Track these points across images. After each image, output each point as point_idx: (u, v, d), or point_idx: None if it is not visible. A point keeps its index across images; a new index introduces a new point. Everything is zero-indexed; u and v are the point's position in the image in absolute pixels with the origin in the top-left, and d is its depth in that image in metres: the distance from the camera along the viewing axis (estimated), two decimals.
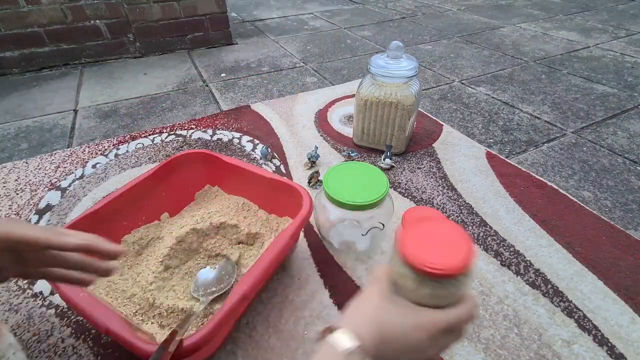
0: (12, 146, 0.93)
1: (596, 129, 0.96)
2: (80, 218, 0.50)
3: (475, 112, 1.05)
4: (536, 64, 1.37)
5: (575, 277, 0.57)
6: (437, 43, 1.61)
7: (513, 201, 0.72)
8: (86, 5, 1.31)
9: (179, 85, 1.24)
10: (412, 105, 0.76)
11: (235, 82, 1.25)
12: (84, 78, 1.31)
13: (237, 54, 1.50)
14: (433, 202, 0.72)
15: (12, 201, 0.73)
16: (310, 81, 1.25)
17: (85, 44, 1.38)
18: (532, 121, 1.00)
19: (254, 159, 0.85)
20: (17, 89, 1.23)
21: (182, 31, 1.51)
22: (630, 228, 0.66)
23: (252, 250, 0.58)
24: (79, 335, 0.50)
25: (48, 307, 0.54)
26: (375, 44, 1.60)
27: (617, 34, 1.68)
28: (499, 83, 1.23)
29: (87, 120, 1.04)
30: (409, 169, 0.81)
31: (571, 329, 0.50)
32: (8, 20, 1.23)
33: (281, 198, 0.58)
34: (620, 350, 0.48)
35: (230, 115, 1.03)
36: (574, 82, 1.23)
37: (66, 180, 0.79)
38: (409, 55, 0.78)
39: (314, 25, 1.87)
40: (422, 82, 1.23)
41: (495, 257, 0.61)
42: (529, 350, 0.48)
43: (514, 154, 0.87)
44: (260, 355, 0.47)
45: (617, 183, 0.77)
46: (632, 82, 1.21)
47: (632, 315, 0.52)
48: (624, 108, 1.06)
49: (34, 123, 1.03)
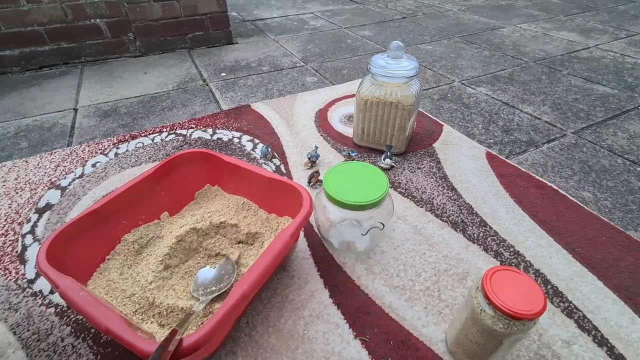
0: (11, 145, 0.92)
1: (596, 130, 0.96)
2: (80, 217, 0.50)
3: (475, 112, 1.05)
4: (536, 64, 1.37)
5: (575, 278, 0.57)
6: (438, 43, 1.61)
7: (513, 201, 0.72)
8: (86, 4, 1.31)
9: (179, 84, 1.24)
10: (412, 105, 0.76)
11: (236, 82, 1.25)
12: (84, 77, 1.31)
13: (237, 54, 1.50)
14: (433, 202, 0.72)
15: (12, 200, 0.73)
16: (310, 81, 1.25)
17: (85, 42, 1.38)
18: (532, 121, 1.00)
19: (254, 159, 0.85)
20: (17, 87, 1.23)
21: (183, 30, 1.51)
22: (630, 229, 0.66)
23: (252, 249, 0.58)
24: (79, 334, 0.50)
25: (47, 306, 0.54)
26: (375, 43, 1.60)
27: (618, 34, 1.68)
28: (499, 83, 1.23)
29: (87, 119, 1.04)
30: (409, 169, 0.81)
31: (571, 329, 0.50)
32: (8, 18, 1.23)
33: (281, 197, 0.58)
34: (620, 350, 0.48)
35: (231, 115, 1.03)
36: (574, 82, 1.23)
37: (66, 179, 0.79)
38: (409, 55, 0.78)
39: (315, 24, 1.87)
40: (423, 82, 1.23)
41: (495, 257, 0.61)
42: (529, 350, 0.48)
43: (514, 154, 0.87)
44: (260, 355, 0.47)
45: (617, 184, 0.77)
46: (633, 83, 1.21)
47: (632, 315, 0.52)
48: (624, 109, 1.06)
49: (34, 122, 1.03)
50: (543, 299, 0.36)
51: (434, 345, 0.48)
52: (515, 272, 0.39)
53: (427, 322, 0.51)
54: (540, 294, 0.37)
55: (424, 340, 0.49)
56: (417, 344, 0.48)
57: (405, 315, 0.52)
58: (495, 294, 0.37)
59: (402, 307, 0.53)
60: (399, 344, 0.48)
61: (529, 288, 0.38)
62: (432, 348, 0.48)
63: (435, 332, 0.50)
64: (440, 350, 0.48)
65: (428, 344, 0.48)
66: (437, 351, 0.48)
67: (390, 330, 0.50)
